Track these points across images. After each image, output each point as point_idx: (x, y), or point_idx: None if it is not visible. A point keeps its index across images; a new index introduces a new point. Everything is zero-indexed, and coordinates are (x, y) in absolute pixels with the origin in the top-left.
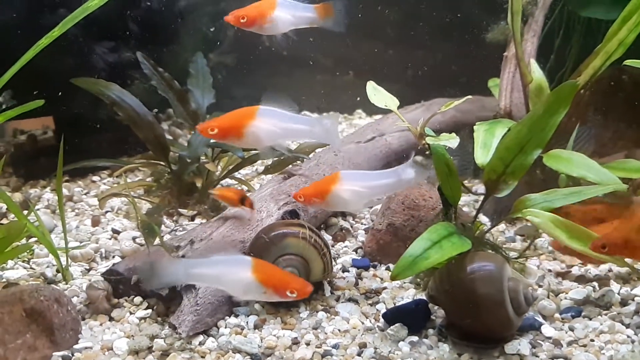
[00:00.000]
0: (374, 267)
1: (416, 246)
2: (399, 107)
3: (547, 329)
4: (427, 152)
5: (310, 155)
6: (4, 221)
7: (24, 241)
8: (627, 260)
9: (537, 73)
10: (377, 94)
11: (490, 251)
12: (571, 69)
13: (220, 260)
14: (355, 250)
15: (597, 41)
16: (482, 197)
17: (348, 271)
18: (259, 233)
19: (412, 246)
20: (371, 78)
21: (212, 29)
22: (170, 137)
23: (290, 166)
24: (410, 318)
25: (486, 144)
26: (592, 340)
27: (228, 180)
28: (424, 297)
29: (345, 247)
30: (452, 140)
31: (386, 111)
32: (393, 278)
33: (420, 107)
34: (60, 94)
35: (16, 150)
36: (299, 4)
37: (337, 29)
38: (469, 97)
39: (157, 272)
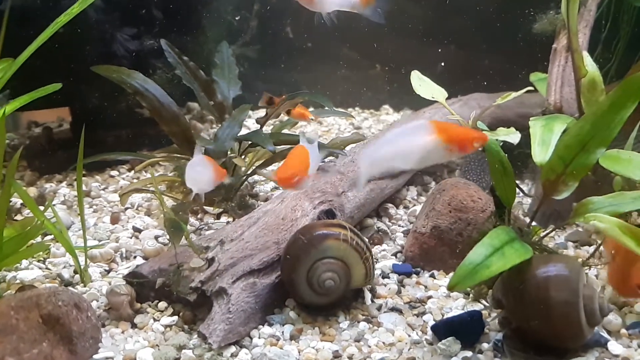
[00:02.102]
0: (417, 273)
1: (477, 252)
2: (432, 104)
3: (614, 346)
4: (480, 149)
5: (346, 150)
6: (18, 217)
7: (39, 239)
8: None
9: (590, 66)
10: (422, 84)
11: None
12: (618, 62)
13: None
14: (395, 255)
15: None
16: (527, 200)
17: (389, 277)
18: (295, 234)
19: (472, 252)
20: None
21: (237, 18)
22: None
23: (324, 162)
24: (463, 331)
25: (544, 140)
26: None
27: (255, 177)
28: (476, 308)
29: (384, 250)
30: (512, 135)
31: (414, 107)
32: (451, 288)
33: (457, 102)
34: (76, 84)
35: (31, 143)
36: None
37: (377, 19)
38: (530, 87)
39: None
